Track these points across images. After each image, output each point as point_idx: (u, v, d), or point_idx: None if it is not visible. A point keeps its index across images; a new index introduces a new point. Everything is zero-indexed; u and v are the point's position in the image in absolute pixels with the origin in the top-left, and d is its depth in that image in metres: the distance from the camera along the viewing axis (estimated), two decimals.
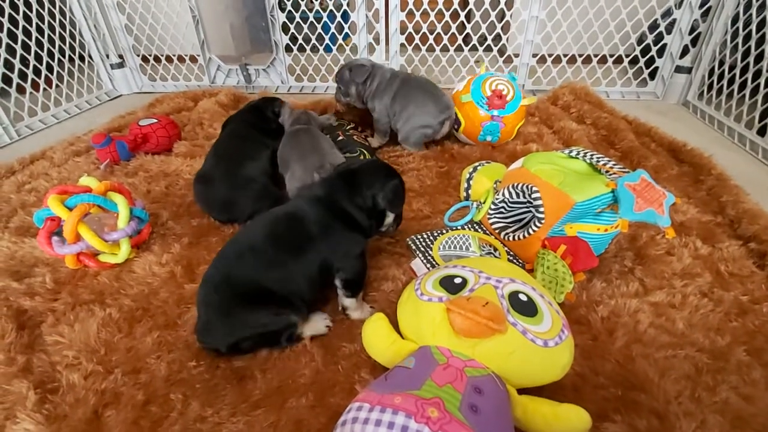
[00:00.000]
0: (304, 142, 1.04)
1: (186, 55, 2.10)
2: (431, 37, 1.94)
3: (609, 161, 0.80)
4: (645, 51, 1.87)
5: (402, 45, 1.97)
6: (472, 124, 1.32)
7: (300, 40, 2.00)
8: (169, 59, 2.13)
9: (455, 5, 1.87)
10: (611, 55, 1.90)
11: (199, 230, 1.00)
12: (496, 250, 0.90)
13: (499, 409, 0.51)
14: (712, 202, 1.07)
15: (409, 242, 0.92)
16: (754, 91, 1.43)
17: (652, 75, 1.92)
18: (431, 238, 0.93)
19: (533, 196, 0.80)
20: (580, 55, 1.91)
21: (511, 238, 0.87)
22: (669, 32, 1.78)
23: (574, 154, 0.85)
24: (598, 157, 0.82)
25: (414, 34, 1.92)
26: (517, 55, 1.96)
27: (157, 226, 1.02)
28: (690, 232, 0.95)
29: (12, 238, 0.96)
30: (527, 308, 0.58)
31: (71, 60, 1.91)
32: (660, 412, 0.58)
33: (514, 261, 0.86)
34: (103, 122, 1.69)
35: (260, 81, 2.15)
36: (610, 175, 0.78)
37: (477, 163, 1.07)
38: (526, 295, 0.60)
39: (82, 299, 0.80)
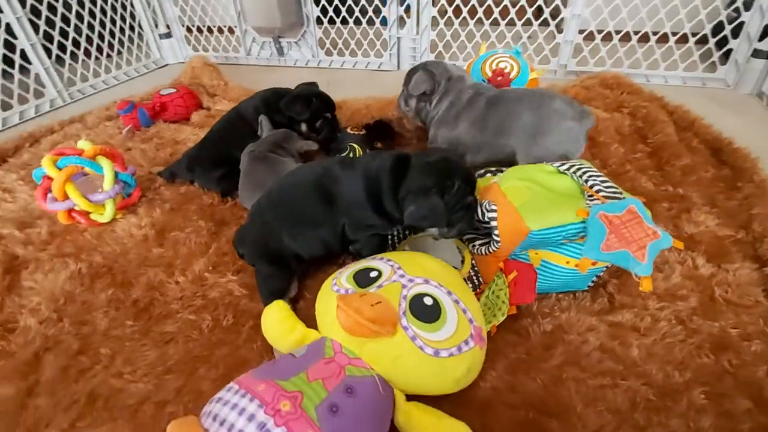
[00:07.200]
0: (252, 177, 0.99)
1: (225, 27, 2.17)
2: (465, 10, 1.81)
3: (604, 182, 0.67)
4: (717, 30, 1.59)
5: (434, 18, 1.86)
6: None
7: (330, 13, 1.97)
8: (210, 30, 2.22)
9: None
10: (674, 33, 1.64)
11: (183, 197, 1.06)
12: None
13: (367, 414, 0.48)
14: (740, 214, 0.91)
15: None
16: None
17: (724, 59, 1.63)
18: None
19: (490, 215, 0.69)
20: (636, 32, 1.67)
21: (476, 251, 0.78)
22: (747, 8, 1.49)
23: (564, 168, 0.72)
24: (589, 175, 0.69)
25: (447, 6, 1.81)
26: (560, 32, 1.76)
27: (150, 191, 1.09)
28: (697, 247, 0.82)
29: (30, 192, 1.08)
30: (428, 313, 0.54)
31: (122, 30, 2.06)
32: None
33: (474, 277, 0.78)
34: (146, 89, 1.82)
35: (292, 54, 2.17)
36: (593, 200, 0.65)
37: None
38: (433, 299, 0.55)
39: (64, 252, 0.88)
